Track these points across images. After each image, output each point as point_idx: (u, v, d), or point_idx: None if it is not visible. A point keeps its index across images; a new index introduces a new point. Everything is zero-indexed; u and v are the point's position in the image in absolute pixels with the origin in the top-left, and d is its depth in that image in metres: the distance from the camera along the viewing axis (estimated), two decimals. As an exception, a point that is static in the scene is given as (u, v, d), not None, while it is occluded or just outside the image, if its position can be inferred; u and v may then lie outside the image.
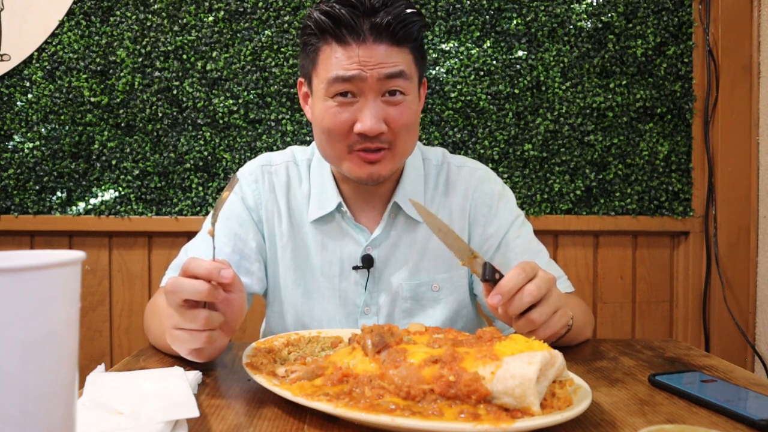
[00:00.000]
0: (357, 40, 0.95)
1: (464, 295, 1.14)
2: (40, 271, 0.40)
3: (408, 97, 0.99)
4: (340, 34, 0.95)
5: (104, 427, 0.60)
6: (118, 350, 1.84)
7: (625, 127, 1.83)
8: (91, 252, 1.81)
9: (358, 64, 0.95)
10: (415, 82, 1.02)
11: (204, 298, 0.73)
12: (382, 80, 0.96)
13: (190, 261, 0.75)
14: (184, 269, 0.75)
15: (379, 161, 0.99)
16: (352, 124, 0.97)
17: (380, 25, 0.94)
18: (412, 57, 1.00)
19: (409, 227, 1.11)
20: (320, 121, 1.00)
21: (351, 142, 0.99)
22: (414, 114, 1.01)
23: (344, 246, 1.10)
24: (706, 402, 0.70)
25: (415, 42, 1.00)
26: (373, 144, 0.98)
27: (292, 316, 1.12)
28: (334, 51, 0.96)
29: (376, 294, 1.10)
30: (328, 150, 1.03)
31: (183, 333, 0.75)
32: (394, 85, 0.97)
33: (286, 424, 0.66)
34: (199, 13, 1.78)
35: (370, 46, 0.95)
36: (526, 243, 1.12)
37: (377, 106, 0.97)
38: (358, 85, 0.96)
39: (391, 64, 0.96)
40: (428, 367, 0.63)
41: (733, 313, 1.82)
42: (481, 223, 1.12)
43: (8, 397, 0.39)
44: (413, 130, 1.02)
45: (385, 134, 0.98)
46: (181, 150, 1.79)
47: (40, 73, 1.77)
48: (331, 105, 0.98)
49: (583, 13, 1.81)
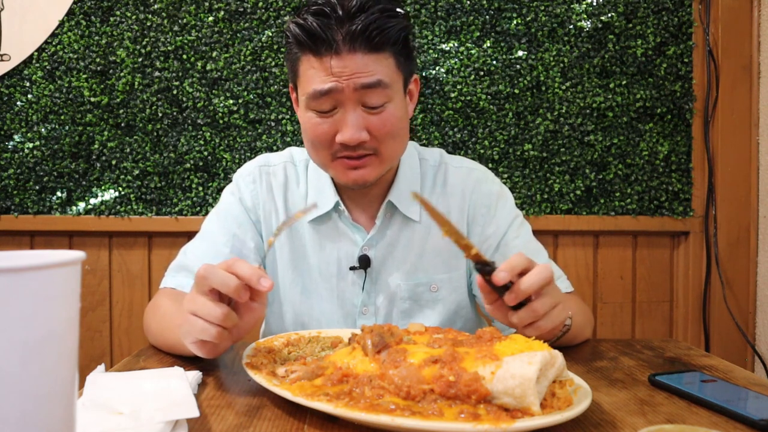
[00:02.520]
0: (330, 51, 0.93)
1: (463, 296, 1.13)
2: (40, 271, 0.40)
3: (390, 104, 0.98)
4: (315, 47, 0.94)
5: (104, 427, 0.60)
6: (118, 350, 1.84)
7: (625, 127, 1.83)
8: (91, 252, 1.81)
9: (333, 75, 0.94)
10: (398, 87, 1.00)
11: (231, 293, 0.73)
12: (358, 90, 0.94)
13: (237, 260, 0.75)
14: (228, 264, 0.75)
15: (363, 167, 0.99)
16: (333, 134, 0.97)
17: (355, 33, 0.92)
18: (393, 61, 0.98)
19: (406, 226, 1.11)
20: (304, 129, 1.02)
21: (334, 150, 0.99)
22: (399, 120, 0.99)
23: (341, 246, 1.10)
24: (706, 402, 0.70)
25: (395, 45, 0.97)
26: (355, 152, 0.98)
27: (291, 316, 1.13)
28: (312, 63, 0.96)
29: (373, 294, 1.10)
30: (314, 157, 1.05)
31: (197, 320, 0.75)
32: (373, 95, 0.95)
33: (286, 424, 0.66)
34: (199, 13, 1.78)
35: (344, 57, 0.93)
36: (525, 243, 1.12)
37: (357, 116, 0.96)
38: (335, 97, 0.95)
39: (368, 73, 0.94)
40: (428, 367, 0.63)
41: (733, 313, 1.82)
42: (480, 223, 1.12)
43: (8, 397, 0.39)
44: (400, 136, 1.01)
45: (369, 142, 0.97)
46: (181, 150, 1.79)
47: (40, 73, 1.77)
48: (312, 116, 0.99)
49: (583, 13, 1.81)
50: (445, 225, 0.78)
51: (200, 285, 0.75)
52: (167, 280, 1.08)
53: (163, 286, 1.08)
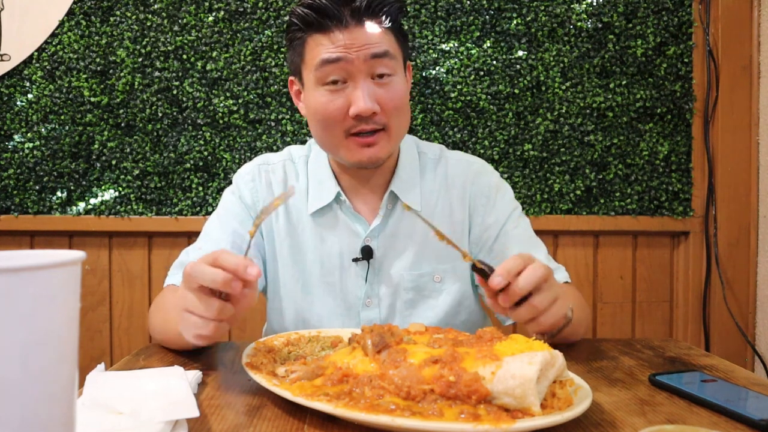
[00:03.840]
0: (340, 26, 0.98)
1: (467, 286, 1.14)
2: (40, 271, 0.40)
3: (395, 77, 1.02)
4: (324, 24, 0.99)
5: (104, 427, 0.60)
6: (118, 350, 1.83)
7: (625, 127, 1.83)
8: (91, 252, 1.81)
9: (343, 47, 0.98)
10: (400, 62, 1.05)
11: (220, 287, 0.73)
12: (368, 61, 0.99)
13: (222, 253, 0.74)
14: (213, 258, 0.74)
15: (375, 143, 1.02)
16: (346, 109, 1.00)
17: (359, 9, 0.98)
18: (394, 37, 1.03)
19: (407, 216, 1.11)
20: (314, 110, 1.03)
21: (347, 126, 1.01)
22: (404, 94, 1.04)
23: (343, 238, 1.10)
24: (706, 402, 0.70)
25: (395, 23, 1.03)
26: (368, 125, 1.00)
27: (292, 312, 1.13)
28: (319, 41, 1.00)
29: (377, 285, 1.10)
30: (324, 138, 1.05)
31: (192, 317, 0.75)
32: (381, 65, 1.00)
33: (286, 424, 0.66)
34: (199, 13, 1.78)
35: (353, 30, 0.98)
36: (524, 234, 1.13)
37: (368, 86, 0.99)
38: (346, 69, 0.99)
39: (377, 44, 0.99)
40: (428, 367, 0.63)
41: (733, 313, 1.81)
42: (480, 213, 1.14)
43: (8, 397, 0.39)
44: (404, 111, 1.05)
45: (379, 116, 1.00)
46: (181, 150, 1.79)
47: (40, 73, 1.77)
48: (323, 93, 1.01)
49: (583, 13, 1.81)
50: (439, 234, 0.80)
51: (189, 282, 0.75)
52: (170, 278, 1.09)
53: (167, 284, 1.08)
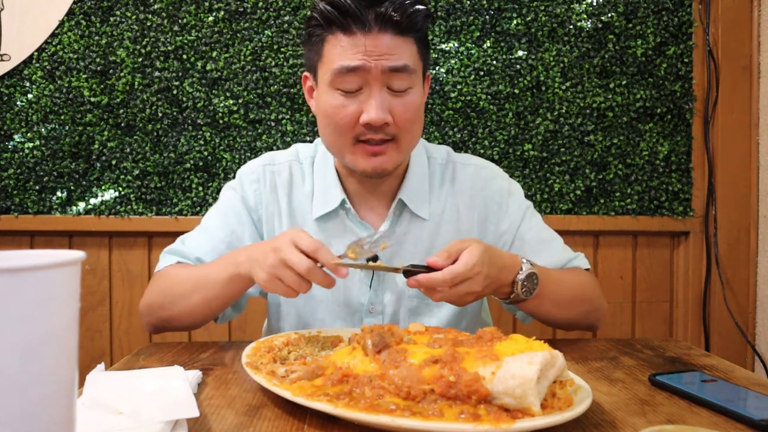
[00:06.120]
0: (362, 29, 0.95)
1: None
2: (40, 271, 0.40)
3: (413, 90, 1.00)
4: (346, 24, 0.95)
5: (104, 427, 0.60)
6: (118, 350, 1.83)
7: (625, 127, 1.82)
8: (91, 252, 1.81)
9: (363, 53, 0.95)
10: (419, 75, 1.02)
11: (303, 273, 0.83)
12: (386, 73, 0.96)
13: (322, 246, 0.84)
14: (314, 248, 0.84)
15: (383, 153, 1.00)
16: (357, 116, 0.98)
17: (385, 15, 0.94)
18: (416, 48, 1.00)
19: (414, 224, 1.11)
20: (325, 112, 1.00)
21: (356, 133, 0.99)
22: (418, 108, 1.01)
23: (348, 244, 1.10)
24: (706, 402, 0.70)
25: (419, 33, 0.99)
26: (377, 135, 0.98)
27: (294, 316, 1.12)
28: (340, 40, 0.96)
29: (381, 292, 1.10)
30: (332, 142, 1.03)
31: (289, 273, 0.84)
32: (397, 79, 0.97)
33: (286, 424, 0.66)
34: (199, 13, 1.78)
35: (376, 36, 0.95)
36: (538, 234, 1.14)
37: (382, 97, 0.97)
38: (362, 76, 0.96)
39: (396, 56, 0.96)
40: (428, 367, 0.63)
41: (733, 313, 1.81)
42: (493, 221, 1.14)
43: (8, 397, 0.39)
44: (418, 124, 1.03)
45: (390, 127, 0.98)
46: (181, 150, 1.79)
47: (40, 73, 1.77)
48: (336, 96, 0.98)
49: (583, 13, 1.81)
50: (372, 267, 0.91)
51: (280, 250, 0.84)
52: (164, 261, 1.09)
53: (163, 266, 1.08)
